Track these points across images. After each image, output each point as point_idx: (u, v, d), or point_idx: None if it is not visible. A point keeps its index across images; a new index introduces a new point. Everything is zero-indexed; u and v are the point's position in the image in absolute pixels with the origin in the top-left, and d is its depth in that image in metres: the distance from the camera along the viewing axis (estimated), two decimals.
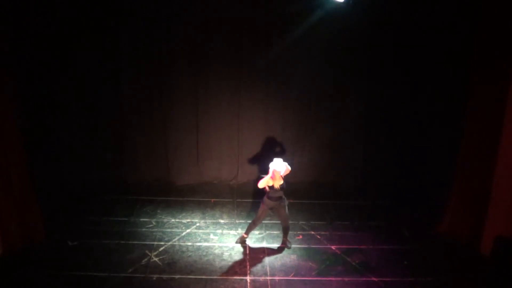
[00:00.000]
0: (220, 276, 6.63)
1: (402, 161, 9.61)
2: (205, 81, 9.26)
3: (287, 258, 7.15)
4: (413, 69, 9.08)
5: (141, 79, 9.13)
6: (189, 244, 7.45)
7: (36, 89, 8.49)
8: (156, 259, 6.99)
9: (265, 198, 7.14)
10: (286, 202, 7.26)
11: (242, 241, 7.50)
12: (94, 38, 8.70)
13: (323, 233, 7.94)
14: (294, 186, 9.82)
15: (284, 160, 7.14)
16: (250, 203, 9.02)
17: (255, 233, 7.85)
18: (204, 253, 7.21)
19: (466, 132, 7.53)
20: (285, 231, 7.45)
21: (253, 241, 7.61)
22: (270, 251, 7.32)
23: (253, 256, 7.18)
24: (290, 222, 8.27)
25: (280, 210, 7.21)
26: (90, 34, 8.66)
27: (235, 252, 7.27)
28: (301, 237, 7.79)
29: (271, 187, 6.98)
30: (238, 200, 9.12)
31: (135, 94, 9.20)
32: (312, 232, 7.96)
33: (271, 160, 7.07)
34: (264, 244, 7.52)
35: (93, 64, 8.85)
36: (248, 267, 6.89)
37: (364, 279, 6.66)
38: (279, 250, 7.36)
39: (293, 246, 7.49)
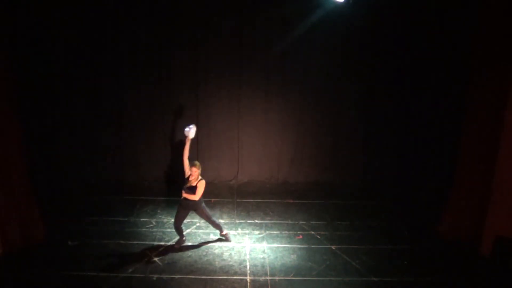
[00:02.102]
0: (220, 276, 6.63)
1: (402, 161, 9.61)
2: (205, 80, 9.27)
3: (287, 258, 7.15)
4: (413, 69, 9.08)
5: (141, 80, 9.14)
6: (189, 244, 7.45)
7: (36, 90, 8.49)
8: (156, 259, 6.99)
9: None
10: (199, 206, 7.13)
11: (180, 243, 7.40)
12: (94, 38, 8.71)
13: (323, 233, 7.93)
14: (294, 186, 9.85)
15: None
16: (250, 203, 9.02)
17: (255, 233, 7.86)
18: (204, 253, 7.21)
19: (466, 132, 7.53)
20: (216, 228, 7.49)
21: (253, 241, 7.61)
22: (270, 251, 7.32)
23: (253, 256, 7.17)
24: (290, 222, 8.29)
25: (197, 212, 7.24)
26: (90, 33, 8.67)
27: (235, 252, 7.26)
28: (301, 237, 7.79)
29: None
30: (238, 200, 9.12)
31: (135, 94, 9.21)
32: (312, 232, 7.95)
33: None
34: (264, 244, 7.52)
35: (93, 63, 8.86)
36: (248, 267, 6.88)
37: (364, 279, 6.67)
38: (279, 250, 7.36)
39: (293, 246, 7.49)
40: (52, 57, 8.61)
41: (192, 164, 6.91)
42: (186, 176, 6.98)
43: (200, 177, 6.93)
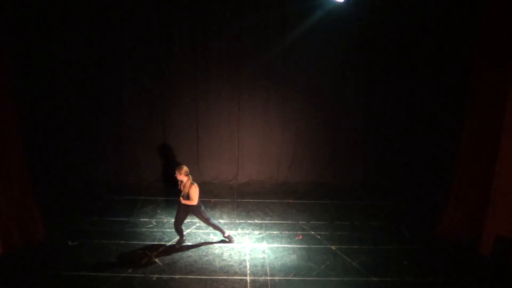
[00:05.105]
0: (220, 276, 6.64)
1: (402, 161, 9.61)
2: (205, 80, 9.26)
3: (287, 258, 7.15)
4: (413, 69, 9.07)
5: (141, 79, 9.14)
6: (189, 244, 7.45)
7: (35, 89, 8.50)
8: (156, 259, 6.99)
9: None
10: (198, 209, 7.16)
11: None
12: (94, 38, 8.70)
13: (323, 233, 7.93)
14: (294, 186, 9.85)
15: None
16: (250, 203, 9.02)
17: (255, 233, 7.86)
18: (204, 253, 7.21)
19: (466, 132, 7.53)
20: (215, 229, 7.55)
21: (253, 241, 7.61)
22: (270, 251, 7.32)
23: (253, 256, 7.18)
24: (290, 222, 8.29)
25: (197, 215, 7.31)
26: (90, 33, 8.67)
27: (235, 252, 7.27)
28: (301, 237, 7.79)
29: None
30: (238, 200, 9.12)
31: (135, 94, 9.21)
32: (312, 232, 7.95)
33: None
34: (264, 244, 7.52)
35: (93, 63, 8.85)
36: (248, 267, 6.89)
37: (364, 279, 6.67)
38: (279, 250, 7.36)
39: (293, 246, 7.49)
40: (52, 57, 8.61)
41: (175, 172, 6.97)
42: (179, 187, 7.08)
43: (191, 182, 6.94)
